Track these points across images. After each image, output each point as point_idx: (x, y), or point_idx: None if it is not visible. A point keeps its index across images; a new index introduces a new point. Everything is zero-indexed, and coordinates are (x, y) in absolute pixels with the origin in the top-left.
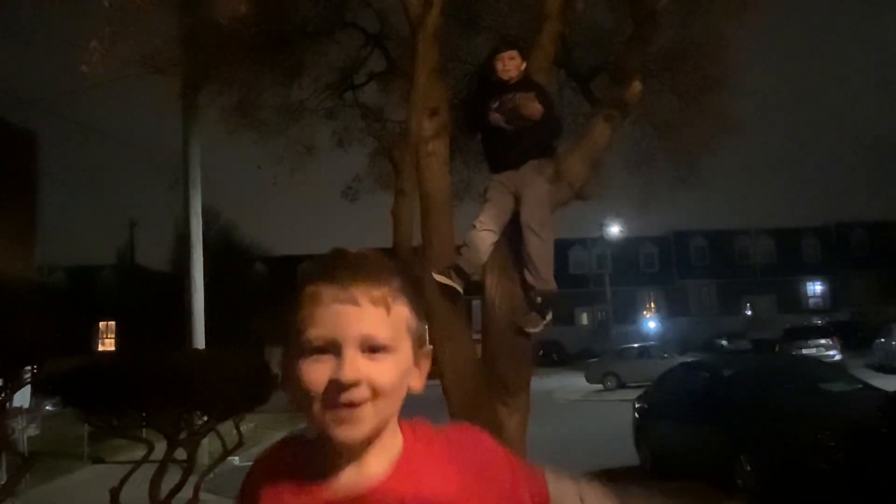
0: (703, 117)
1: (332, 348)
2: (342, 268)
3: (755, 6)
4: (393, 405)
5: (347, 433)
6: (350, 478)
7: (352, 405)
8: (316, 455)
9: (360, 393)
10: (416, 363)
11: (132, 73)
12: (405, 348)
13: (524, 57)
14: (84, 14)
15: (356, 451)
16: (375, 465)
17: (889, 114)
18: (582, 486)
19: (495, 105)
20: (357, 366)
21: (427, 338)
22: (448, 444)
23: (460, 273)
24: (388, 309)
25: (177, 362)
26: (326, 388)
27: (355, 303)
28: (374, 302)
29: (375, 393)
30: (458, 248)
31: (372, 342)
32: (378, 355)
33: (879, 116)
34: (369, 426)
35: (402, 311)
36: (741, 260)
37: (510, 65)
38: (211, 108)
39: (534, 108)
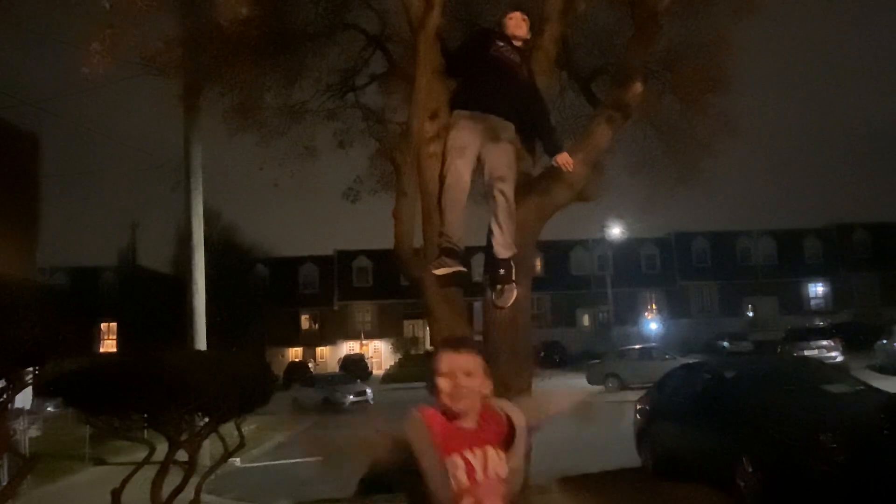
0: (705, 118)
1: (452, 374)
2: (454, 340)
3: (756, 7)
4: (475, 397)
5: (457, 405)
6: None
7: (459, 395)
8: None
9: (464, 391)
10: (486, 380)
11: (134, 74)
12: (479, 373)
13: (529, 26)
14: (85, 16)
15: (461, 415)
16: (472, 423)
17: (891, 114)
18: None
19: (501, 44)
20: (462, 380)
21: (488, 370)
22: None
23: (452, 254)
24: (473, 357)
25: (178, 364)
26: (451, 389)
27: (459, 353)
28: (468, 353)
29: (470, 391)
30: (440, 234)
31: (467, 371)
32: (470, 377)
33: (881, 117)
34: (468, 403)
35: (479, 359)
36: (743, 261)
37: (523, 26)
38: (212, 110)
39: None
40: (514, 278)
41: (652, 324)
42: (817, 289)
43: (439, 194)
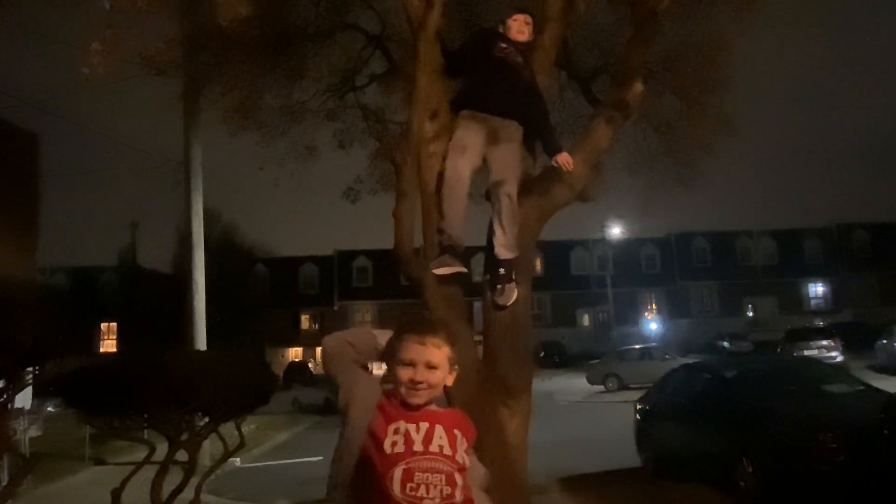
0: (705, 118)
1: (413, 364)
2: (420, 325)
3: (756, 7)
4: (436, 392)
5: (414, 399)
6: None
7: (417, 388)
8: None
9: (422, 385)
10: (450, 373)
11: (133, 74)
12: (446, 366)
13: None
14: (85, 16)
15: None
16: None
17: (891, 114)
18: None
19: (504, 45)
20: (423, 374)
21: (455, 360)
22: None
23: (453, 253)
24: (439, 348)
25: (178, 364)
26: (408, 381)
27: (425, 344)
28: (434, 345)
29: (430, 385)
30: (439, 230)
31: (431, 363)
32: (432, 370)
33: (881, 117)
34: (425, 398)
35: (446, 350)
36: (743, 261)
37: (525, 29)
38: (212, 110)
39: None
40: (514, 278)
41: (652, 324)
42: (817, 289)
43: (439, 191)
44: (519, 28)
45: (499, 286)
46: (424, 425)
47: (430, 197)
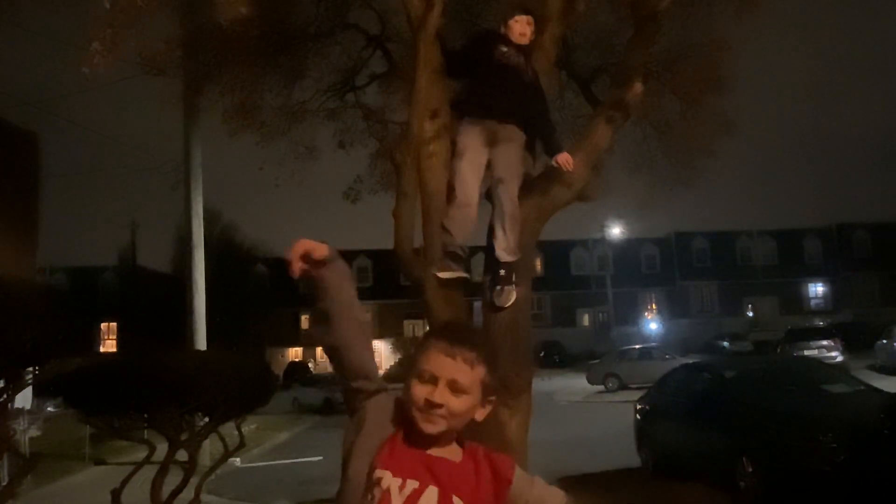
0: (704, 118)
1: (433, 380)
2: (454, 332)
3: (756, 7)
4: (458, 424)
5: (426, 428)
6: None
7: (433, 413)
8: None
9: (440, 411)
10: (483, 404)
11: (133, 74)
12: (476, 393)
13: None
14: (85, 15)
15: (431, 441)
16: (447, 454)
17: (891, 114)
18: (537, 484)
19: (504, 49)
20: (444, 395)
21: (493, 390)
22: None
23: (456, 259)
24: (472, 367)
25: (178, 363)
26: (424, 402)
27: (453, 357)
28: (465, 360)
29: (450, 413)
30: (442, 227)
31: (457, 384)
32: (459, 393)
33: (881, 117)
34: (440, 429)
35: (481, 371)
36: (743, 261)
37: (527, 30)
38: (212, 110)
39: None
40: (514, 280)
41: (652, 324)
42: (817, 289)
43: (448, 198)
44: (521, 30)
45: (498, 287)
46: (412, 484)
47: (429, 197)
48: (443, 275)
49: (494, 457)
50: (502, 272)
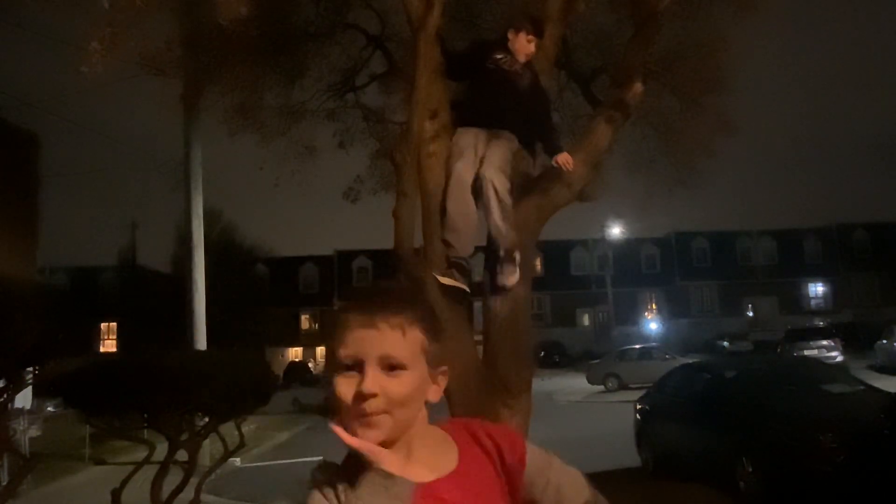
0: (704, 118)
1: (358, 366)
2: (367, 298)
3: (756, 7)
4: (409, 413)
5: (368, 436)
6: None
7: (368, 412)
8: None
9: (377, 404)
10: (433, 380)
11: (133, 74)
12: (420, 366)
13: (539, 43)
14: (85, 15)
15: (394, 449)
16: (425, 462)
17: (891, 114)
18: (555, 465)
19: (499, 56)
20: (377, 380)
21: (440, 357)
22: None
23: (461, 270)
24: (403, 332)
25: (178, 363)
26: (353, 398)
27: (375, 327)
28: (393, 327)
29: (392, 403)
30: (443, 241)
31: (390, 361)
32: (395, 372)
33: (881, 117)
34: (387, 431)
35: (417, 335)
36: (743, 261)
37: (529, 48)
38: (212, 110)
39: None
40: (515, 259)
41: (652, 324)
42: (817, 289)
43: (443, 201)
44: (523, 48)
45: (499, 267)
46: None
47: (429, 197)
48: (444, 280)
49: (496, 434)
50: (502, 252)
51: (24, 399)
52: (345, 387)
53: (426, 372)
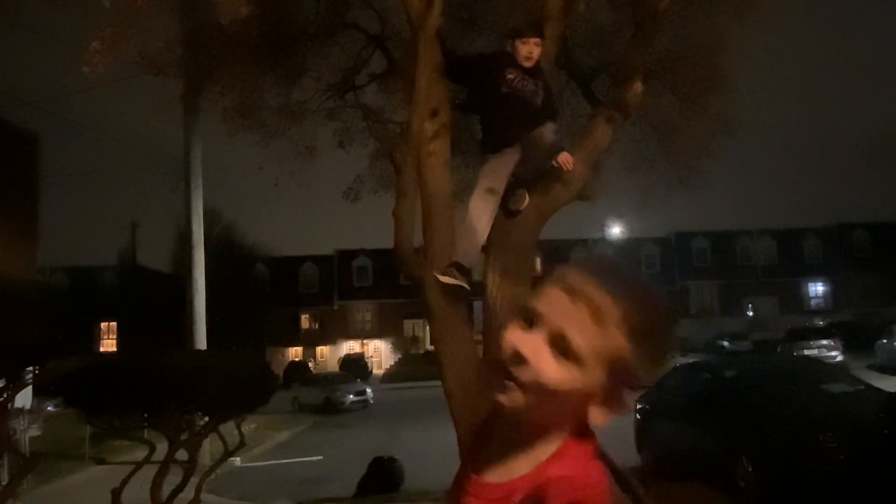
0: (704, 118)
1: (536, 324)
2: (593, 270)
3: (755, 7)
4: (551, 406)
5: (499, 396)
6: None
7: (514, 374)
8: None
9: (527, 373)
10: (604, 397)
11: (133, 74)
12: (595, 369)
13: (543, 45)
14: (85, 15)
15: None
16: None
17: (891, 114)
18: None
19: (511, 76)
20: (538, 349)
21: (629, 382)
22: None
23: (462, 270)
24: (600, 325)
25: (178, 363)
26: (510, 353)
27: (574, 301)
28: (594, 313)
29: (538, 381)
30: (454, 262)
31: (562, 342)
32: (564, 356)
33: (881, 116)
34: (517, 401)
35: (616, 341)
36: (743, 261)
37: (535, 52)
38: (212, 110)
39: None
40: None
41: None
42: (817, 288)
43: (464, 233)
44: (528, 52)
45: (509, 193)
46: None
47: (430, 197)
48: (444, 279)
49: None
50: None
51: (24, 398)
52: (510, 337)
53: (601, 381)
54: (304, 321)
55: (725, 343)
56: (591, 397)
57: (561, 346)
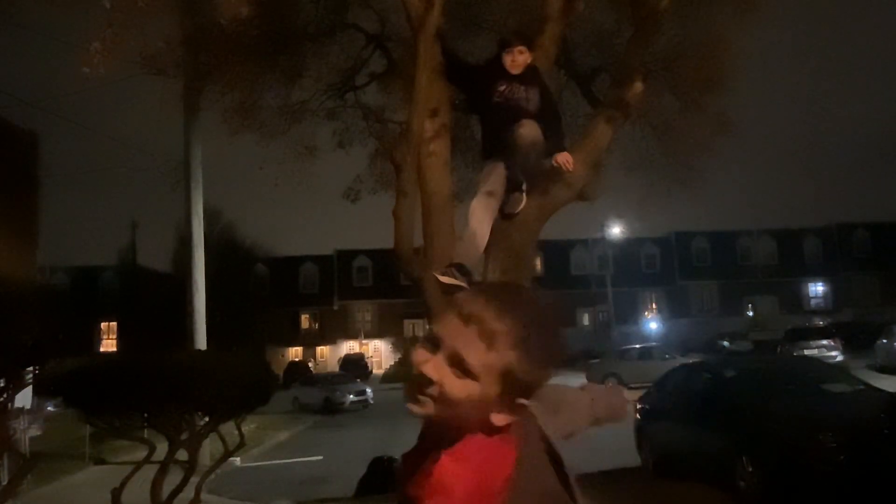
0: (703, 118)
1: (436, 346)
2: (483, 294)
3: (755, 7)
4: (457, 413)
5: (410, 406)
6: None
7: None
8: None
9: (432, 391)
10: (501, 404)
11: (133, 74)
12: (489, 384)
13: (532, 48)
14: (85, 15)
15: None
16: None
17: (890, 114)
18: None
19: (502, 87)
20: (438, 370)
21: (523, 389)
22: None
23: (463, 270)
24: (489, 346)
25: (178, 363)
26: (415, 372)
27: (466, 324)
28: (482, 335)
29: (442, 398)
30: (454, 264)
31: (457, 362)
32: (460, 374)
33: (881, 116)
34: (426, 411)
35: (505, 356)
36: (743, 261)
37: (519, 59)
38: (212, 110)
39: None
40: (522, 188)
41: (652, 323)
42: (817, 288)
43: (464, 239)
44: (512, 62)
45: (506, 195)
46: None
47: (430, 196)
48: (444, 279)
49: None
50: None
51: (24, 398)
52: (417, 357)
53: (496, 392)
54: (304, 321)
55: (725, 343)
56: (490, 405)
57: (459, 366)
